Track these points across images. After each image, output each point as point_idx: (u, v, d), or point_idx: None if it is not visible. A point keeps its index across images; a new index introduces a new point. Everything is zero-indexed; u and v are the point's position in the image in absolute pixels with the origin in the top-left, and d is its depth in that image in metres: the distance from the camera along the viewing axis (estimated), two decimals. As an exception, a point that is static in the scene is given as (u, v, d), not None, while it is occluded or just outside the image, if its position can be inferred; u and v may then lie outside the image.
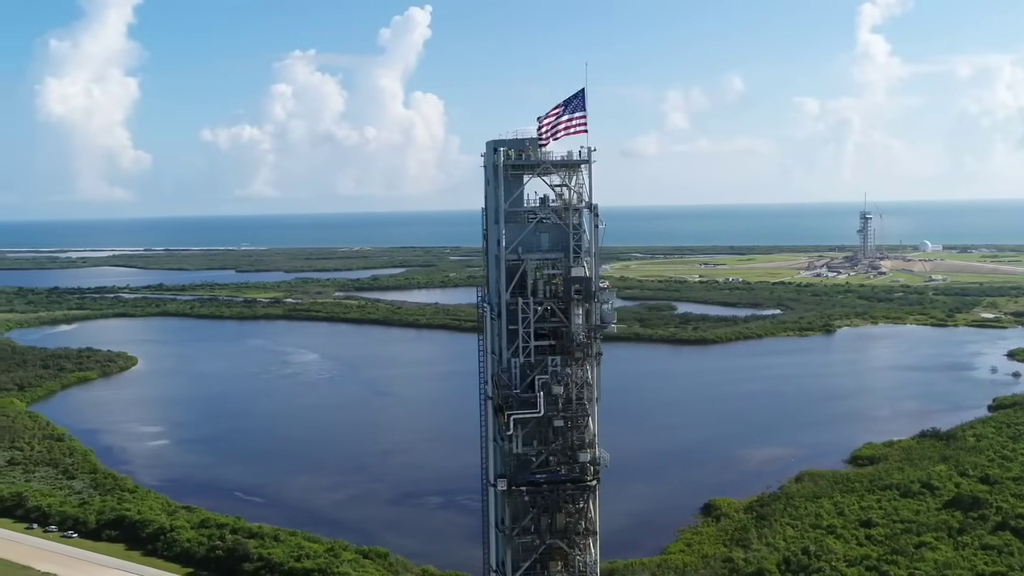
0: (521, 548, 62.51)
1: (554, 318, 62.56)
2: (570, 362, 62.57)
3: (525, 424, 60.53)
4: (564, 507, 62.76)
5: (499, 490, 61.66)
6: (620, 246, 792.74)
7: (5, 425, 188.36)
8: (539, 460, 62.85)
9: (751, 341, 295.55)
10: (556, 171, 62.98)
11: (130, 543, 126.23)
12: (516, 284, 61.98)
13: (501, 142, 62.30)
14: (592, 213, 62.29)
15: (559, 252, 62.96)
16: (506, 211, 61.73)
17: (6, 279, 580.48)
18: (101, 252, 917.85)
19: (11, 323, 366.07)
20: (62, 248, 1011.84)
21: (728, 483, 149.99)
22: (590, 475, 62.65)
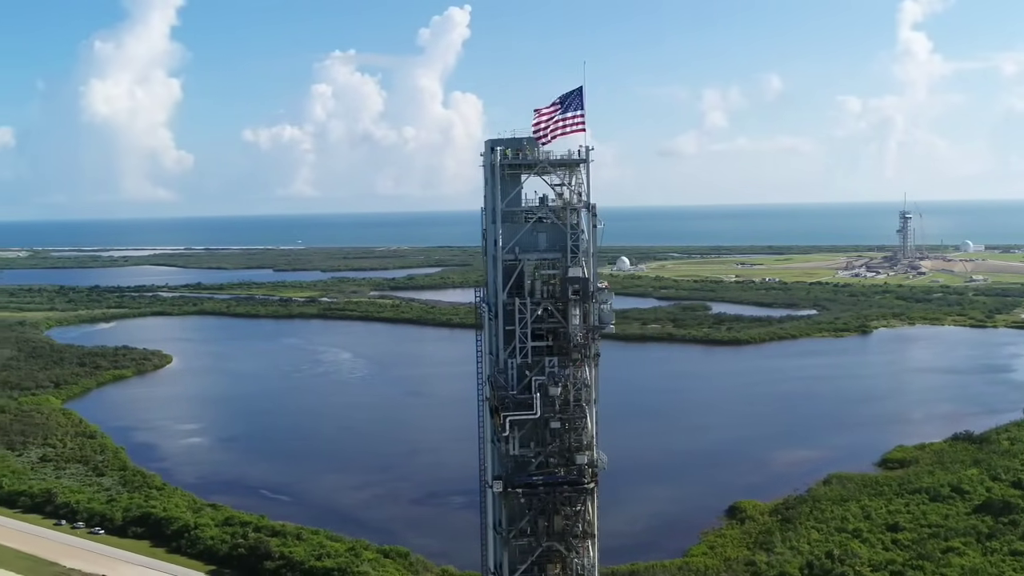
0: (518, 550, 62.12)
1: (552, 319, 62.14)
2: (568, 363, 61.97)
3: (522, 426, 60.19)
4: (561, 509, 62.20)
5: (495, 492, 61.34)
6: (656, 246, 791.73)
7: (39, 422, 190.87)
8: (536, 462, 62.41)
9: (785, 342, 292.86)
10: (554, 171, 62.55)
11: (155, 540, 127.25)
12: (513, 284, 61.63)
13: (499, 141, 62.00)
14: (590, 213, 61.73)
15: (557, 252, 62.54)
16: (503, 211, 61.41)
17: (49, 278, 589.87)
18: (142, 251, 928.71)
19: (51, 321, 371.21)
20: (104, 247, 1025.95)
21: (755, 485, 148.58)
22: (587, 477, 61.97)
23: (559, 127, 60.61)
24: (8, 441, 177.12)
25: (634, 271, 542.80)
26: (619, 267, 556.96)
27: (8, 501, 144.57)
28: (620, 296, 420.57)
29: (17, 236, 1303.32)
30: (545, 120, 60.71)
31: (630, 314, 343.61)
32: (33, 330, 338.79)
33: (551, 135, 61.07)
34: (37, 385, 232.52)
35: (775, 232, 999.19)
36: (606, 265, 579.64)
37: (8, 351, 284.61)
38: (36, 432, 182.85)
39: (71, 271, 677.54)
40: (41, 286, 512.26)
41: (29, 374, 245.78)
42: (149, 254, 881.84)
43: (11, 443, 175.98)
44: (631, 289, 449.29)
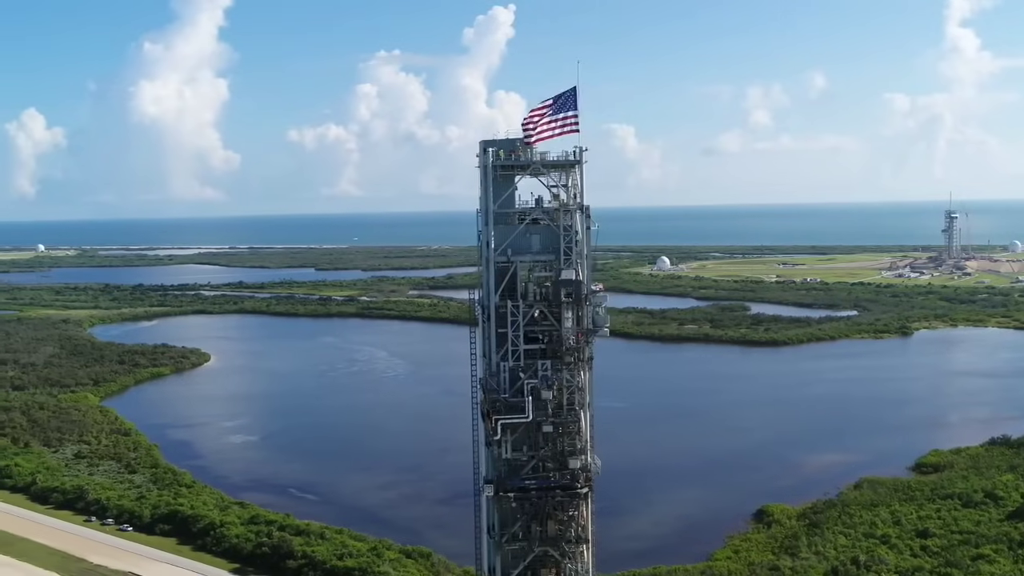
0: (511, 555, 61.73)
1: (545, 321, 61.67)
2: (561, 366, 61.42)
3: (514, 429, 59.78)
4: (555, 514, 61.64)
5: (486, 496, 60.98)
6: (698, 245, 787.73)
7: (76, 419, 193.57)
8: (529, 466, 61.93)
9: (823, 343, 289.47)
10: (547, 171, 62.04)
11: (182, 537, 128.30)
12: (506, 286, 61.19)
13: (492, 142, 61.58)
14: (584, 214, 61.12)
15: (550, 254, 62.01)
16: (496, 212, 61.02)
17: (95, 276, 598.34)
18: (187, 250, 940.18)
19: (94, 319, 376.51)
20: (151, 246, 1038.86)
21: (785, 488, 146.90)
22: (581, 482, 61.31)
23: (553, 128, 60.02)
24: (45, 438, 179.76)
25: (674, 271, 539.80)
26: (659, 267, 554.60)
27: (41, 497, 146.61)
28: (659, 296, 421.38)
29: (67, 235, 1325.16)
30: (537, 120, 60.14)
31: (668, 314, 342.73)
32: (76, 328, 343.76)
33: (544, 135, 60.46)
34: (76, 382, 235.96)
35: (819, 232, 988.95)
36: (646, 265, 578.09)
37: (51, 348, 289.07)
38: (72, 429, 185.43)
39: (117, 269, 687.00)
40: (87, 284, 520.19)
41: (69, 371, 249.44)
42: (194, 253, 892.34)
43: (48, 440, 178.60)
44: (670, 289, 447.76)
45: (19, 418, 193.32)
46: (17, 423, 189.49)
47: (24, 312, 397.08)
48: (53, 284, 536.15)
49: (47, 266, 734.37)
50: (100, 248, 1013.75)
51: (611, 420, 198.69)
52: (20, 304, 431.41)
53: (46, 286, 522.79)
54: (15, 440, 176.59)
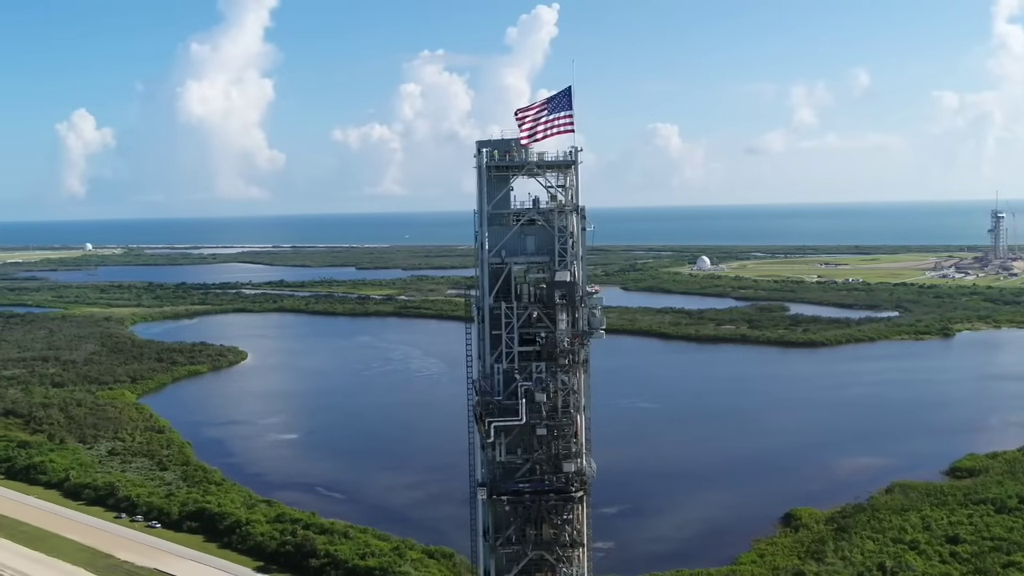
0: (505, 559, 61.30)
1: (540, 323, 61.12)
2: (555, 369, 60.84)
3: (508, 432, 59.34)
4: (550, 518, 61.07)
5: (479, 499, 60.65)
6: (739, 245, 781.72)
7: (112, 416, 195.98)
8: (523, 469, 61.43)
9: (862, 344, 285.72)
10: (542, 172, 61.49)
11: (208, 535, 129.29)
12: (500, 288, 60.78)
13: (487, 142, 61.16)
14: (579, 215, 60.51)
15: (545, 256, 61.45)
16: (490, 213, 60.59)
17: (140, 274, 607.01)
18: (231, 249, 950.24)
19: (136, 317, 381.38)
20: (195, 244, 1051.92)
21: (814, 492, 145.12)
22: (575, 486, 60.63)
23: (548, 128, 59.43)
24: (81, 434, 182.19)
25: (714, 271, 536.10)
26: (699, 266, 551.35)
27: (73, 494, 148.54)
28: (697, 296, 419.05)
29: (114, 234, 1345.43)
30: (531, 120, 59.59)
31: (706, 315, 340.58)
32: (118, 325, 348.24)
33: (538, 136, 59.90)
34: (115, 379, 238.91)
35: (863, 231, 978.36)
36: (686, 265, 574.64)
37: (91, 346, 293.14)
38: (108, 426, 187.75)
39: (162, 268, 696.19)
40: (131, 283, 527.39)
41: (108, 369, 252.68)
42: (237, 251, 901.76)
43: (83, 436, 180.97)
44: (709, 289, 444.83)
45: (57, 415, 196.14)
46: (54, 419, 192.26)
47: (69, 310, 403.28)
48: (98, 282, 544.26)
49: (94, 264, 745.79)
50: (146, 247, 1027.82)
51: (642, 420, 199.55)
52: (65, 302, 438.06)
53: (91, 284, 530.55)
54: (51, 436, 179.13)
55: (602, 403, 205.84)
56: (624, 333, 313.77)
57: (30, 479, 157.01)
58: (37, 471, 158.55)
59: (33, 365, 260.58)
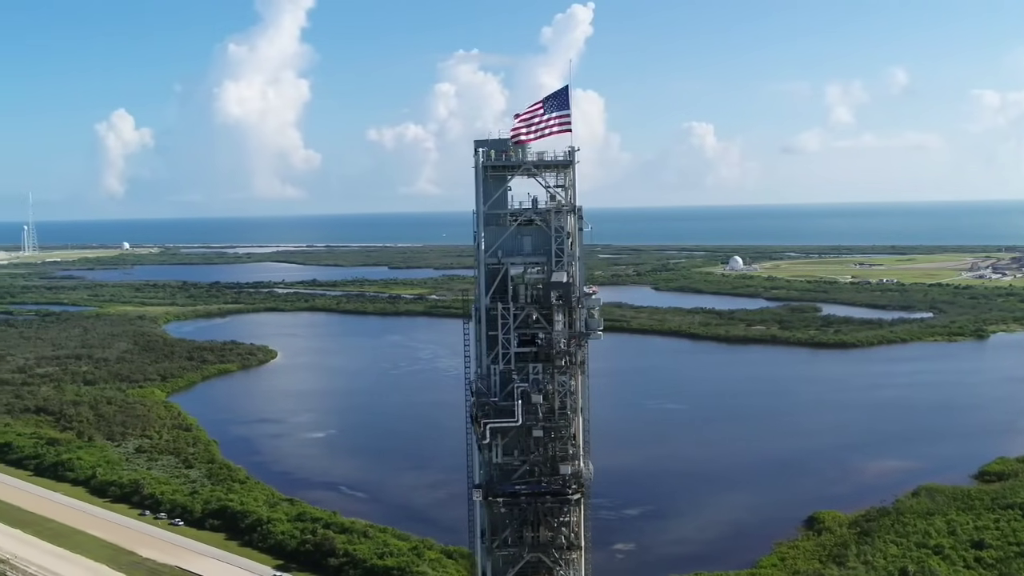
0: (502, 560, 60.86)
1: (537, 324, 60.62)
2: (552, 370, 60.29)
3: (505, 433, 58.93)
4: (547, 520, 60.55)
5: (474, 500, 60.29)
6: (773, 245, 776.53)
7: (141, 414, 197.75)
8: (520, 471, 60.94)
9: (894, 345, 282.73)
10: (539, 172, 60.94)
11: (230, 533, 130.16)
12: (497, 288, 60.37)
13: (484, 142, 60.70)
14: (576, 216, 59.88)
15: (542, 256, 60.91)
16: (486, 213, 60.14)
17: (174, 273, 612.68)
18: (266, 248, 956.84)
19: (169, 316, 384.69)
20: (231, 244, 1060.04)
21: (839, 495, 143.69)
22: (571, 488, 60.01)
23: (544, 127, 58.89)
24: (109, 432, 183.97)
25: (746, 271, 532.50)
26: (731, 266, 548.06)
27: (100, 491, 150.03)
28: (729, 296, 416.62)
29: (152, 233, 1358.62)
30: (527, 120, 59.10)
31: (736, 315, 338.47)
32: (151, 324, 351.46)
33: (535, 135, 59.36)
34: (145, 378, 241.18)
35: (899, 231, 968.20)
36: (718, 265, 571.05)
37: (124, 344, 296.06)
38: (136, 424, 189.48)
39: (197, 267, 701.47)
40: (165, 282, 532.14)
41: (139, 367, 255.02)
42: (272, 251, 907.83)
43: (112, 434, 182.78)
44: (740, 289, 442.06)
45: (87, 412, 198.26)
46: (84, 417, 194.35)
47: (104, 308, 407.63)
48: (134, 281, 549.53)
49: (130, 263, 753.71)
50: (182, 246, 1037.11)
51: (669, 421, 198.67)
52: (101, 300, 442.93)
53: (127, 283, 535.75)
54: (80, 434, 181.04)
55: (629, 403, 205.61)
56: (654, 333, 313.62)
57: (58, 476, 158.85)
58: (65, 468, 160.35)
59: (66, 363, 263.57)
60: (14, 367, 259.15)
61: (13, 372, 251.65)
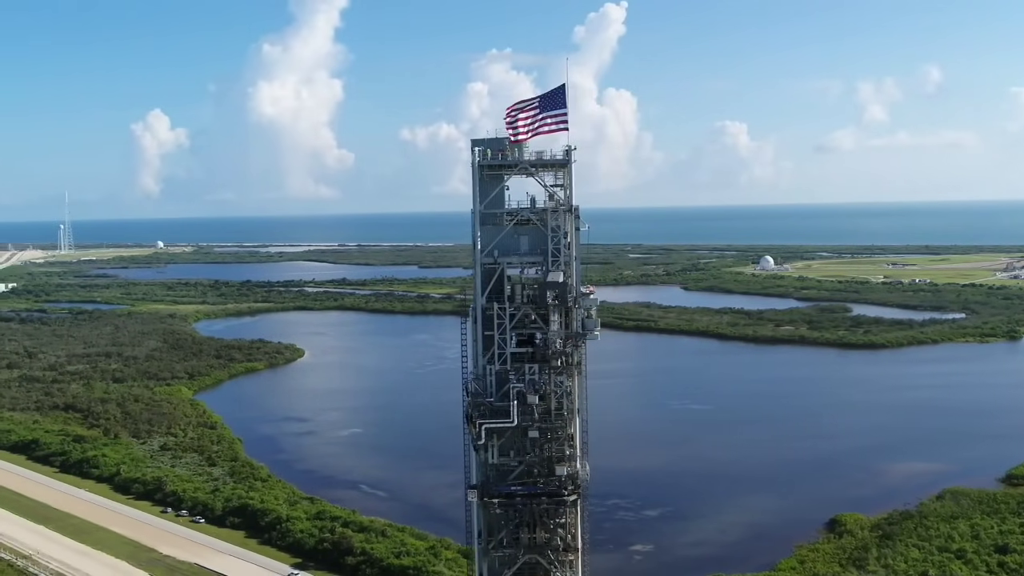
0: (498, 562, 60.50)
1: (534, 324, 60.17)
2: (548, 371, 59.79)
3: (501, 434, 58.58)
4: (542, 522, 60.07)
5: (469, 500, 59.98)
6: (805, 244, 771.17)
7: (167, 412, 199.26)
8: (516, 471, 60.53)
9: (925, 346, 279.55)
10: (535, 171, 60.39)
11: (250, 531, 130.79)
12: (493, 288, 60.03)
13: (481, 141, 60.29)
14: (573, 215, 59.34)
15: (539, 256, 60.46)
16: (482, 212, 59.77)
17: (207, 272, 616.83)
18: (298, 247, 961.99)
19: (199, 314, 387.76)
20: (264, 243, 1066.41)
21: (863, 498, 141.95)
22: (568, 490, 59.47)
23: (540, 126, 58.37)
24: (135, 429, 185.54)
25: (777, 271, 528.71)
26: (762, 266, 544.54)
27: (123, 488, 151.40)
28: (758, 296, 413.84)
29: (186, 232, 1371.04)
30: (522, 118, 58.59)
31: (765, 315, 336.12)
32: (181, 322, 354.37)
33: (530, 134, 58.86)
34: (173, 376, 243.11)
35: (933, 231, 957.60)
36: (749, 264, 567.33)
37: (153, 342, 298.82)
38: (162, 421, 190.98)
39: (229, 266, 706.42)
40: (197, 280, 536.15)
41: (167, 365, 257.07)
42: (304, 250, 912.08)
43: (137, 431, 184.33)
44: (771, 289, 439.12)
45: (114, 410, 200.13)
46: (111, 414, 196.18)
47: (136, 307, 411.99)
48: (166, 280, 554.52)
49: (164, 262, 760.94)
50: (216, 245, 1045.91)
51: (693, 422, 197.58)
52: (133, 299, 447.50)
53: (159, 282, 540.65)
54: (106, 431, 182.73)
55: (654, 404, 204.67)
56: (681, 333, 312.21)
57: (83, 473, 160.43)
58: (90, 465, 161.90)
59: (96, 361, 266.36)
60: (45, 364, 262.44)
61: (44, 369, 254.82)
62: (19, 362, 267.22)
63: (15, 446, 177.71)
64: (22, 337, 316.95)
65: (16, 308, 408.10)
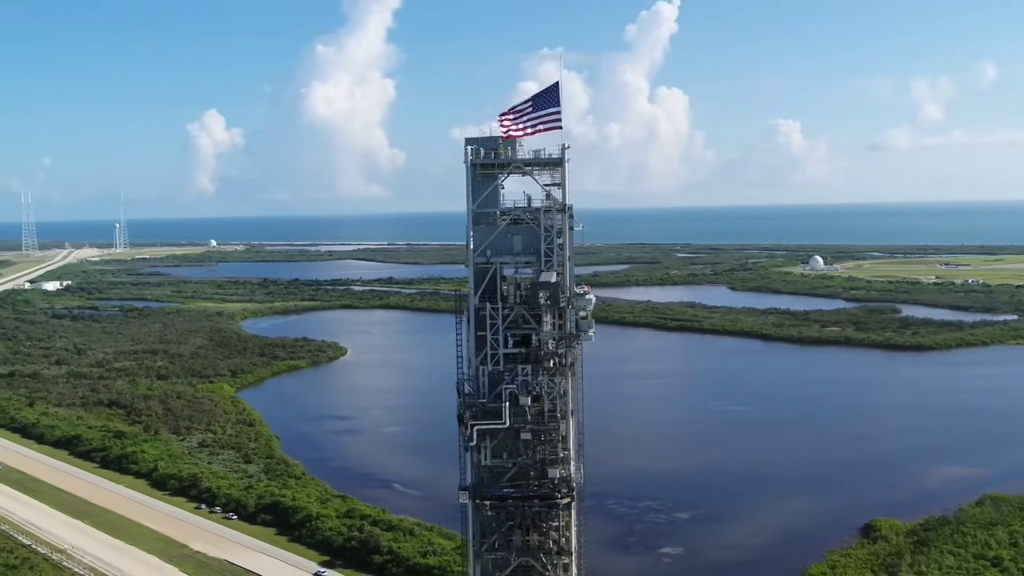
0: (491, 564, 59.99)
1: (527, 325, 59.57)
2: (541, 372, 59.14)
3: (494, 435, 58.12)
4: (536, 525, 59.44)
5: (460, 502, 59.61)
6: (857, 244, 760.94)
7: (207, 409, 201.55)
8: (509, 473, 59.97)
9: (974, 348, 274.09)
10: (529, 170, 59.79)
11: (281, 528, 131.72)
12: (486, 288, 59.59)
13: (474, 139, 59.86)
14: (567, 215, 58.64)
15: (532, 255, 59.85)
16: (475, 211, 59.41)
17: (257, 270, 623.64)
18: (348, 246, 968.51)
19: (247, 312, 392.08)
20: (314, 242, 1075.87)
21: (900, 502, 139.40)
22: (560, 493, 58.80)
23: (534, 124, 57.75)
24: (175, 426, 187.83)
25: (826, 271, 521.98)
26: (811, 266, 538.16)
27: (160, 484, 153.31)
28: (806, 297, 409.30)
29: (239, 231, 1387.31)
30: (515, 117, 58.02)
31: (811, 316, 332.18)
32: (228, 320, 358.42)
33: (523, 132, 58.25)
34: (216, 373, 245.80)
35: (989, 230, 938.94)
36: (798, 264, 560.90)
37: (200, 340, 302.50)
38: (202, 418, 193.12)
39: (279, 264, 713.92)
40: (247, 278, 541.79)
41: (211, 362, 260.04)
42: (353, 249, 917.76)
43: (177, 428, 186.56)
44: (819, 290, 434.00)
45: (156, 406, 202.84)
46: (153, 411, 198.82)
47: (185, 304, 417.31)
48: (216, 278, 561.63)
49: (215, 260, 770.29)
50: (267, 243, 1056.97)
51: (732, 423, 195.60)
52: (183, 297, 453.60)
53: (210, 280, 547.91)
54: (147, 428, 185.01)
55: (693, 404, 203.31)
56: (725, 334, 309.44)
57: (122, 468, 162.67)
58: (129, 461, 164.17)
59: (143, 358, 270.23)
60: (93, 361, 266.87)
61: (92, 366, 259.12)
62: (68, 359, 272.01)
63: (59, 441, 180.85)
64: (73, 334, 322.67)
65: (69, 305, 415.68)
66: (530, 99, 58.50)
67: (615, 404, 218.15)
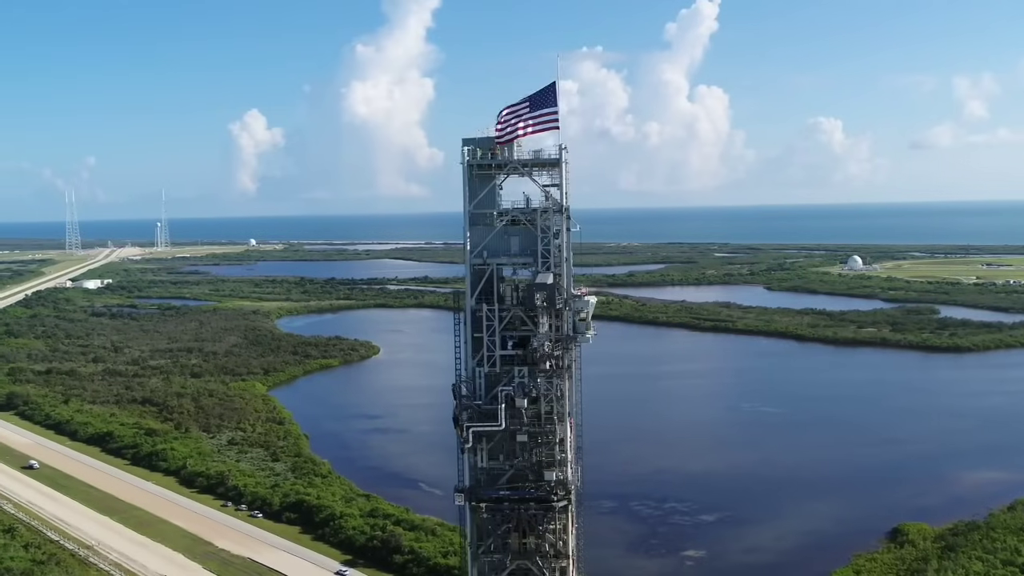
0: (488, 567, 59.59)
1: (524, 327, 59.05)
2: (538, 374, 58.59)
3: (490, 438, 57.70)
4: (533, 527, 58.94)
5: (455, 504, 59.25)
6: (897, 244, 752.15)
7: (238, 407, 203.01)
8: (506, 476, 59.52)
9: (1013, 350, 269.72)
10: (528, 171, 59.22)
11: (305, 526, 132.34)
12: (483, 289, 59.15)
13: (471, 140, 59.42)
14: (565, 216, 58.03)
15: (529, 257, 59.32)
16: (471, 212, 58.97)
17: (294, 269, 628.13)
18: (385, 245, 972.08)
19: (282, 311, 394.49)
20: (352, 241, 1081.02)
21: (929, 507, 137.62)
22: (557, 495, 58.23)
23: (530, 124, 57.18)
24: (206, 424, 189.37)
25: (865, 271, 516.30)
26: (850, 266, 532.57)
27: (188, 481, 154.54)
28: (843, 297, 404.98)
29: (279, 230, 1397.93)
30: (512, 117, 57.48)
31: (848, 316, 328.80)
32: (263, 319, 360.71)
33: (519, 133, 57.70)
34: (248, 371, 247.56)
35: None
36: (837, 264, 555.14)
37: (234, 338, 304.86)
38: (232, 416, 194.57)
39: (316, 263, 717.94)
40: (284, 277, 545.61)
41: (244, 361, 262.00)
42: (390, 248, 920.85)
43: (207, 426, 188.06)
44: (856, 290, 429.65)
45: (188, 404, 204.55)
46: (185, 409, 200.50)
47: (222, 303, 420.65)
48: (254, 277, 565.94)
49: (254, 259, 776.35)
50: (306, 242, 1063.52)
51: (762, 424, 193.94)
52: (220, 295, 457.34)
53: (247, 278, 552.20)
54: (178, 425, 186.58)
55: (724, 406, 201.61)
56: (759, 334, 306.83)
57: (152, 465, 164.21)
58: (159, 458, 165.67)
59: (178, 356, 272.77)
60: (129, 359, 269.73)
61: (127, 364, 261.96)
62: (104, 356, 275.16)
63: (91, 438, 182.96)
64: (111, 332, 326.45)
65: (109, 304, 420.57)
66: (527, 99, 58.05)
67: (646, 404, 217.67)
